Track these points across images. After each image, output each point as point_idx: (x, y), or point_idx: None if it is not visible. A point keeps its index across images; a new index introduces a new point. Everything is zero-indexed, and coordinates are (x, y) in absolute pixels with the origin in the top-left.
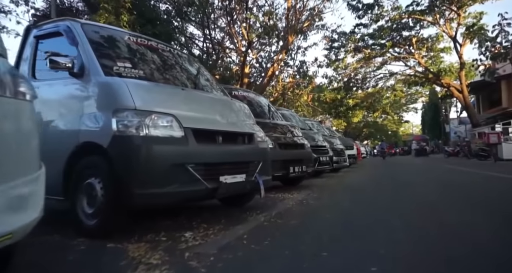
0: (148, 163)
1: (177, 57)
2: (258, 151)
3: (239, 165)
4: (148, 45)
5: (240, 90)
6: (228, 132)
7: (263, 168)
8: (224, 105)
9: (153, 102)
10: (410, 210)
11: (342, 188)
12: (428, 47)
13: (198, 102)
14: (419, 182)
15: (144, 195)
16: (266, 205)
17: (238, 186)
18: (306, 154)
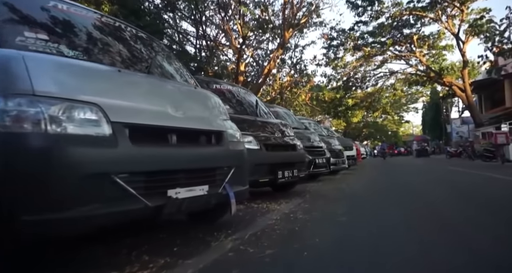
0: (49, 175)
1: (127, 35)
2: (229, 154)
3: (199, 174)
4: (82, 15)
5: (222, 83)
6: (183, 129)
7: (236, 176)
8: (183, 95)
9: (65, 86)
10: (424, 229)
11: (339, 195)
12: (429, 45)
13: (139, 88)
14: (425, 186)
15: (37, 222)
16: (243, 220)
17: (196, 201)
18: (298, 156)
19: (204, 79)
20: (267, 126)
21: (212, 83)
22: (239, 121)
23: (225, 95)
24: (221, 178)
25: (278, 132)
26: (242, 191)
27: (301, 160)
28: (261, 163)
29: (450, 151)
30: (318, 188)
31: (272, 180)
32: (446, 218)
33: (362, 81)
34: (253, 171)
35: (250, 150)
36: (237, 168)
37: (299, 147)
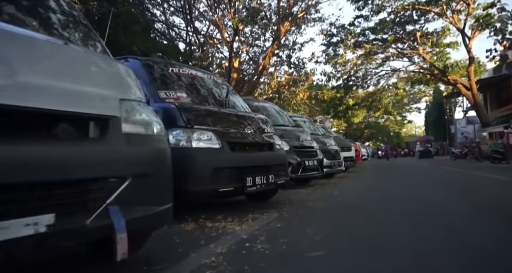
0: None
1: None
2: (119, 155)
3: (35, 193)
4: None
5: (184, 66)
6: None
7: (137, 192)
8: None
9: None
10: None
11: (326, 207)
12: (433, 42)
13: None
14: (433, 194)
15: None
16: (174, 252)
17: (14, 248)
18: (277, 158)
19: (159, 61)
20: (236, 120)
21: (168, 66)
22: (193, 111)
23: (181, 79)
24: (98, 198)
25: (251, 127)
26: (154, 215)
27: (280, 163)
28: (223, 167)
29: (455, 152)
30: (304, 197)
31: (237, 189)
32: (470, 239)
33: (363, 80)
34: (211, 178)
35: (207, 150)
36: (141, 179)
37: (278, 147)
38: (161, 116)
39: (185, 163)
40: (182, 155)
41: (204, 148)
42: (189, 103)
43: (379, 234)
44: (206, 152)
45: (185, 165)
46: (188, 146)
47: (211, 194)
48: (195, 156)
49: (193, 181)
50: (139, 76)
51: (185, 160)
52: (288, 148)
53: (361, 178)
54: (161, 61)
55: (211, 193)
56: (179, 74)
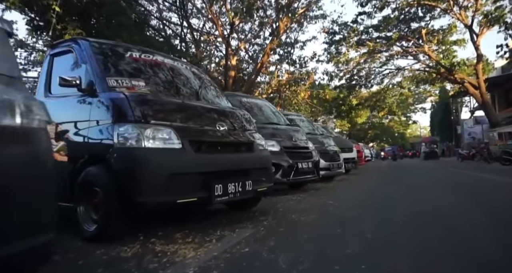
0: None
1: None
2: None
3: None
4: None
5: (141, 49)
6: None
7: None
8: None
9: None
10: None
11: (316, 220)
12: (439, 39)
13: None
14: (443, 202)
15: None
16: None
17: None
18: (257, 160)
19: (116, 44)
20: (207, 115)
21: (127, 50)
22: (149, 103)
23: (141, 66)
24: None
25: (226, 124)
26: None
27: (261, 166)
28: (183, 172)
29: (462, 153)
30: (293, 205)
31: (203, 199)
32: None
33: (367, 79)
34: (166, 186)
35: (163, 151)
36: None
37: (260, 147)
38: (107, 108)
39: (132, 167)
40: (129, 158)
41: (159, 148)
42: (146, 93)
43: (375, 265)
44: (162, 153)
45: (133, 170)
46: (137, 146)
47: (166, 206)
48: (146, 159)
49: (142, 190)
50: (85, 59)
51: (133, 164)
52: (278, 148)
53: (362, 182)
54: (118, 44)
55: (166, 205)
56: (139, 60)
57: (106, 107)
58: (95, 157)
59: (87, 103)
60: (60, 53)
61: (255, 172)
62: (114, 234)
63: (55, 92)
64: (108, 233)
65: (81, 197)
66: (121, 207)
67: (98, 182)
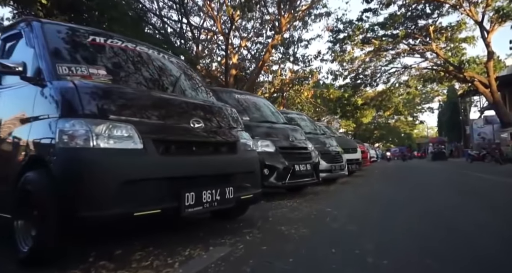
0: None
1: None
2: None
3: None
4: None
5: (108, 35)
6: None
7: None
8: None
9: None
10: None
11: (308, 234)
12: (447, 37)
13: None
14: (457, 213)
15: None
16: None
17: None
18: (241, 163)
19: (74, 27)
20: (181, 110)
21: (89, 34)
22: (107, 94)
23: (104, 52)
24: None
25: (201, 120)
26: None
27: (246, 170)
28: (143, 178)
29: (472, 154)
30: (286, 213)
31: (168, 210)
32: None
33: (372, 78)
34: (120, 196)
35: (118, 153)
36: None
37: (247, 148)
38: (54, 100)
39: (74, 173)
40: (72, 161)
41: (113, 149)
42: (105, 83)
43: None
44: (116, 155)
45: (75, 177)
46: (84, 147)
47: (120, 220)
48: (93, 162)
49: (86, 202)
50: (34, 43)
51: (76, 169)
52: (273, 149)
53: (366, 185)
54: (80, 28)
55: (120, 218)
56: (104, 45)
57: (52, 99)
58: (35, 159)
59: (31, 94)
60: (12, 37)
61: (238, 177)
62: (52, 257)
63: (6, 82)
64: (44, 255)
65: (19, 208)
66: (61, 223)
67: (35, 191)
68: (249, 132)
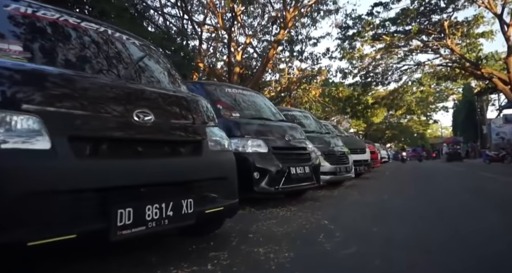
0: None
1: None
2: None
3: None
4: None
5: (46, 7)
6: None
7: None
8: None
9: None
10: None
11: (293, 266)
12: (463, 32)
13: None
14: (489, 235)
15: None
16: None
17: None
18: (207, 167)
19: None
20: (117, 98)
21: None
22: (10, 75)
23: (21, 24)
24: None
25: (151, 113)
26: None
27: (214, 176)
28: (47, 191)
29: (490, 154)
30: (272, 227)
31: (91, 234)
32: None
33: (383, 76)
34: (11, 218)
35: (9, 155)
36: None
37: (215, 148)
38: None
39: None
40: None
41: (4, 151)
42: (15, 59)
43: None
44: (4, 160)
45: None
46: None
47: (8, 253)
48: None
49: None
50: None
51: None
52: (266, 149)
53: (374, 190)
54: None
55: (8, 251)
56: (29, 16)
57: None
58: None
59: None
60: None
61: (204, 185)
62: None
63: None
64: None
65: None
66: None
67: None
68: (238, 130)
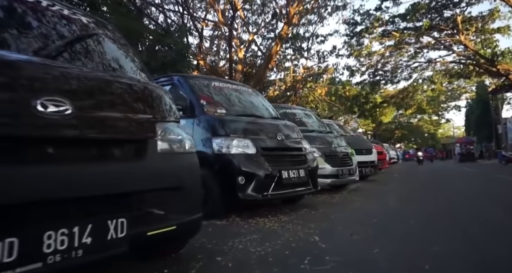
0: None
1: None
2: None
3: None
4: None
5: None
6: None
7: None
8: None
9: None
10: None
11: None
12: (477, 27)
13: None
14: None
15: None
16: None
17: None
18: (152, 175)
19: None
20: (9, 79)
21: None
22: None
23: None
24: None
25: (66, 99)
26: None
27: (161, 186)
28: None
29: (507, 155)
30: (251, 246)
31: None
32: None
33: (393, 74)
34: None
35: None
36: None
37: (166, 150)
38: None
39: None
40: None
41: None
42: None
43: None
44: None
45: None
46: None
47: None
48: None
49: None
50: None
51: None
52: (254, 150)
53: (379, 195)
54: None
55: None
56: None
57: None
58: None
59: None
60: None
61: (146, 199)
62: None
63: None
64: None
65: None
66: None
67: None
68: (222, 129)
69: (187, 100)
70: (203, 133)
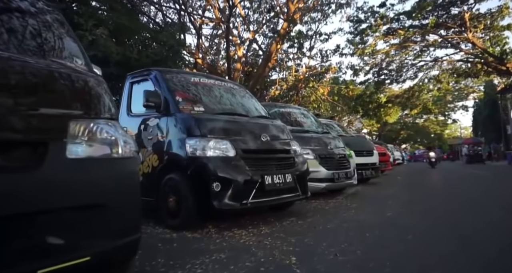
0: None
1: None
2: None
3: None
4: None
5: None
6: None
7: None
8: None
9: None
10: None
11: None
12: (486, 25)
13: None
14: None
15: None
16: None
17: None
18: (51, 190)
19: None
20: None
21: None
22: None
23: None
24: None
25: None
26: None
27: (72, 204)
28: None
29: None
30: (215, 267)
31: None
32: None
33: (398, 73)
34: None
35: None
36: None
37: (92, 152)
38: None
39: None
40: None
41: None
42: None
43: None
44: None
45: None
46: None
47: None
48: None
49: None
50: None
51: None
52: (233, 153)
53: (378, 201)
54: None
55: None
56: None
57: None
58: None
59: None
60: None
61: (43, 223)
62: None
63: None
64: None
65: None
66: None
67: None
68: (197, 129)
69: (161, 96)
70: (177, 133)
